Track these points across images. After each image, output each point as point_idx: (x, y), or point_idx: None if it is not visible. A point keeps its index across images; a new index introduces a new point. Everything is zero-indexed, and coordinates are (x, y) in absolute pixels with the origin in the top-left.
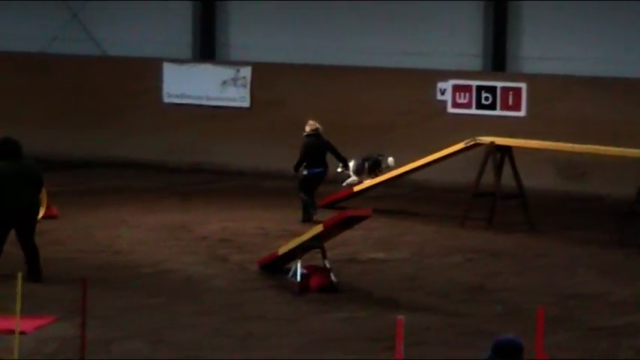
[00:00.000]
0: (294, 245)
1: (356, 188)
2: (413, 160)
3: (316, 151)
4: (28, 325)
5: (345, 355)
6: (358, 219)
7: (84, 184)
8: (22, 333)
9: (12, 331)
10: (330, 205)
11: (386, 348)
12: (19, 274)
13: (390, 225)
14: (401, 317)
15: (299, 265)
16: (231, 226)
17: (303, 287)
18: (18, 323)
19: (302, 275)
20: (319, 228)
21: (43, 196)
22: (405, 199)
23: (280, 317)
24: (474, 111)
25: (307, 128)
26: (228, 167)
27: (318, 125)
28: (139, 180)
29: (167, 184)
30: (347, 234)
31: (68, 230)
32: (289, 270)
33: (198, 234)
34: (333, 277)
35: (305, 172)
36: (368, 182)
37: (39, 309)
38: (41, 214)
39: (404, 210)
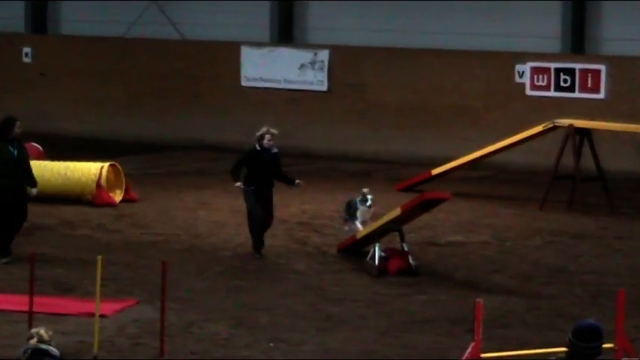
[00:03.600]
0: (372, 229)
1: (434, 171)
2: (492, 143)
3: None
4: (109, 308)
5: (426, 337)
6: (436, 202)
7: (164, 167)
8: (102, 316)
9: (92, 314)
10: (408, 189)
11: (467, 331)
12: (99, 258)
13: (470, 208)
14: (480, 300)
15: (377, 248)
16: (310, 209)
17: (382, 270)
18: (98, 306)
19: (380, 258)
20: (397, 211)
21: (122, 179)
22: (485, 181)
23: (360, 300)
24: (552, 93)
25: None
26: (307, 150)
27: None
28: (219, 163)
29: None
30: (426, 217)
31: (149, 213)
32: (368, 253)
33: (278, 217)
34: (411, 260)
35: None
36: (448, 165)
37: (120, 293)
38: (120, 197)
39: (484, 193)
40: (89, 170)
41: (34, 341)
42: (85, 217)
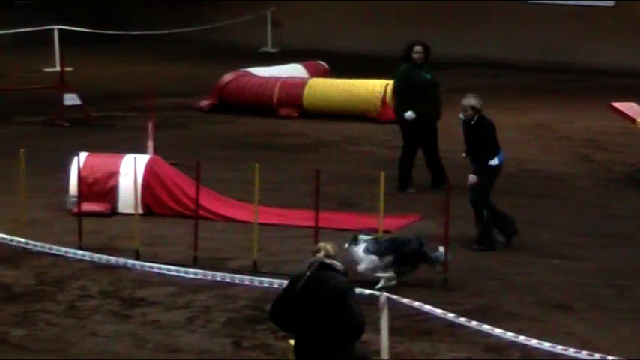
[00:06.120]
0: None
1: None
2: None
3: None
4: (392, 224)
5: None
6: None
7: (446, 83)
8: (385, 232)
9: (376, 230)
10: None
11: None
12: (381, 174)
13: None
14: None
15: None
16: (595, 126)
17: None
18: (381, 222)
19: None
20: None
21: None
22: None
23: None
24: None
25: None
26: (592, 65)
27: None
28: (502, 79)
29: (530, 82)
30: None
31: None
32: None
33: (562, 133)
34: None
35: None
36: None
37: (401, 209)
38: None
39: None
40: (374, 87)
41: (321, 255)
42: (368, 133)
